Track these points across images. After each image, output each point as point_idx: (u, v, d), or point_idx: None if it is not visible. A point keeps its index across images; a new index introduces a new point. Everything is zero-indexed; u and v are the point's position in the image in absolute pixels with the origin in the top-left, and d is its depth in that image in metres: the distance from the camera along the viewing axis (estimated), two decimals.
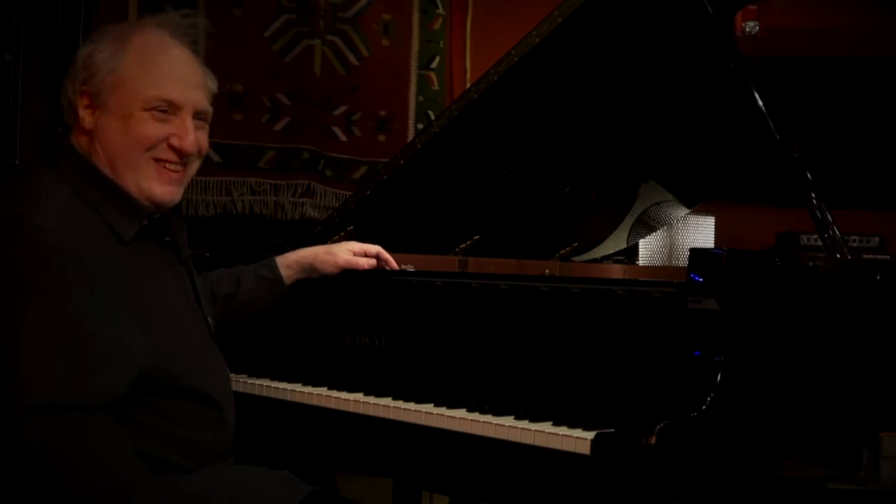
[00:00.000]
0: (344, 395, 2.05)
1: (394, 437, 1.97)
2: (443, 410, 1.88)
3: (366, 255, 2.32)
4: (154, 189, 1.84)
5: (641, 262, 3.95)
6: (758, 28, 4.70)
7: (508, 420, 1.78)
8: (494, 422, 1.78)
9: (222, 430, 1.91)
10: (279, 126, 4.27)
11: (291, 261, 2.30)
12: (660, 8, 2.37)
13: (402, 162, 2.51)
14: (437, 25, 4.59)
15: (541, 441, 1.71)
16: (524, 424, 1.75)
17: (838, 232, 2.13)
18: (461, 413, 1.85)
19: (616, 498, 1.65)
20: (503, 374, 2.01)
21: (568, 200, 2.87)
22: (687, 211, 3.16)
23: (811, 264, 1.97)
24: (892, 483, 3.32)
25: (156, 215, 1.88)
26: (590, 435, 1.66)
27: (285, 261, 2.30)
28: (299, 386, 2.15)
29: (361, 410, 2.00)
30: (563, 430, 1.70)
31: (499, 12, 4.60)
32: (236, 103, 4.15)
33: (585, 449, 1.65)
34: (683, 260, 2.65)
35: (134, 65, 1.82)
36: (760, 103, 2.20)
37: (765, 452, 1.81)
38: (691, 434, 1.64)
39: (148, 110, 1.82)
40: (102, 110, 1.82)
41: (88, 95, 1.82)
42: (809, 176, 2.17)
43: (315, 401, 2.09)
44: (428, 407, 1.91)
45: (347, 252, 2.30)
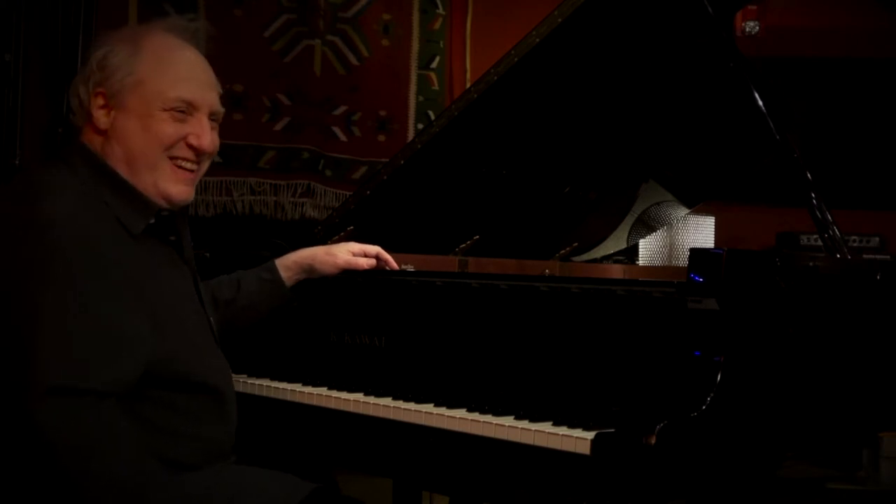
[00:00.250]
0: (344, 395, 2.05)
1: (394, 437, 1.98)
2: (443, 410, 1.88)
3: (365, 256, 2.32)
4: (170, 188, 1.87)
5: (641, 262, 3.95)
6: (758, 28, 4.69)
7: (508, 420, 1.78)
8: (494, 422, 1.79)
9: (226, 427, 1.92)
10: (279, 126, 4.27)
11: (291, 262, 2.30)
12: (660, 8, 2.37)
13: (402, 162, 2.51)
14: (437, 25, 4.58)
15: (541, 441, 1.71)
16: (524, 424, 1.75)
17: (838, 232, 2.13)
18: (461, 413, 1.85)
19: (616, 498, 1.65)
20: (503, 374, 2.01)
21: (568, 200, 2.87)
22: (687, 211, 3.16)
23: (811, 264, 1.97)
24: (892, 483, 3.32)
25: (164, 213, 1.90)
26: (590, 435, 1.66)
27: (285, 262, 2.30)
28: (299, 386, 2.15)
29: (361, 410, 2.00)
30: (563, 430, 1.70)
31: (499, 12, 4.60)
32: (236, 103, 4.15)
33: (585, 449, 1.65)
34: (683, 260, 2.65)
35: (151, 66, 1.85)
36: (760, 103, 2.20)
37: (765, 452, 1.81)
38: (691, 434, 1.64)
39: (167, 110, 1.86)
40: (119, 110, 1.85)
41: (104, 96, 1.85)
42: (809, 176, 2.17)
43: (315, 401, 2.09)
44: (428, 407, 1.91)
45: (347, 252, 2.31)
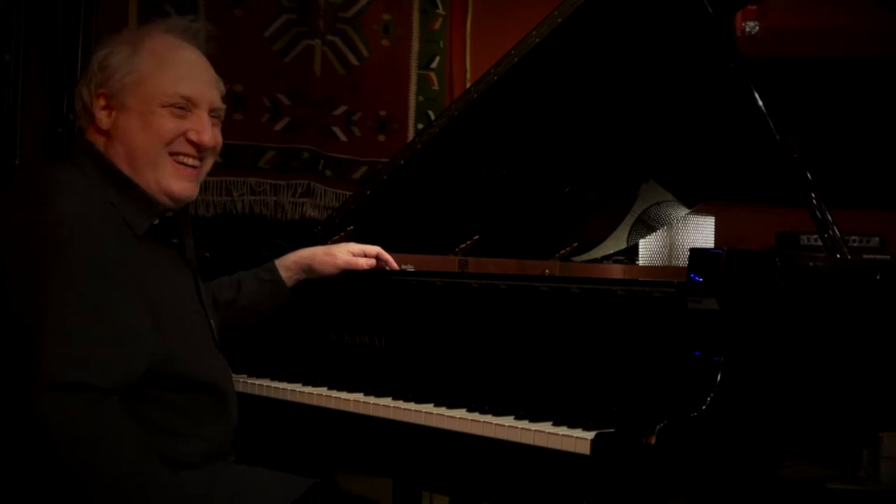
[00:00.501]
0: (344, 395, 2.05)
1: (394, 437, 1.98)
2: (443, 410, 1.88)
3: (365, 256, 2.32)
4: (172, 185, 1.88)
5: (641, 262, 3.95)
6: (758, 28, 4.69)
7: (508, 420, 1.78)
8: (494, 422, 1.79)
9: (225, 427, 1.92)
10: (279, 126, 4.27)
11: (290, 262, 2.30)
12: (660, 8, 2.37)
13: (402, 162, 2.50)
14: (437, 25, 4.58)
15: (541, 441, 1.71)
16: (524, 424, 1.75)
17: (838, 232, 2.12)
18: (461, 413, 1.85)
19: (616, 498, 1.65)
20: (503, 374, 2.01)
21: (568, 200, 2.87)
22: (687, 211, 3.16)
23: (811, 264, 1.97)
24: (892, 483, 3.32)
25: (168, 214, 1.90)
26: (590, 435, 1.66)
27: (284, 262, 2.30)
28: (299, 386, 2.15)
29: (361, 410, 2.00)
30: (563, 430, 1.70)
31: (499, 12, 4.60)
32: (236, 103, 4.15)
33: (585, 449, 1.65)
34: (683, 260, 2.64)
35: (151, 64, 1.87)
36: (760, 103, 2.20)
37: (765, 452, 1.81)
38: (691, 434, 1.64)
39: (166, 107, 1.87)
40: (121, 110, 1.86)
41: (105, 96, 1.87)
42: (809, 176, 2.17)
43: (315, 401, 2.09)
44: (428, 407, 1.91)
45: (347, 253, 2.31)
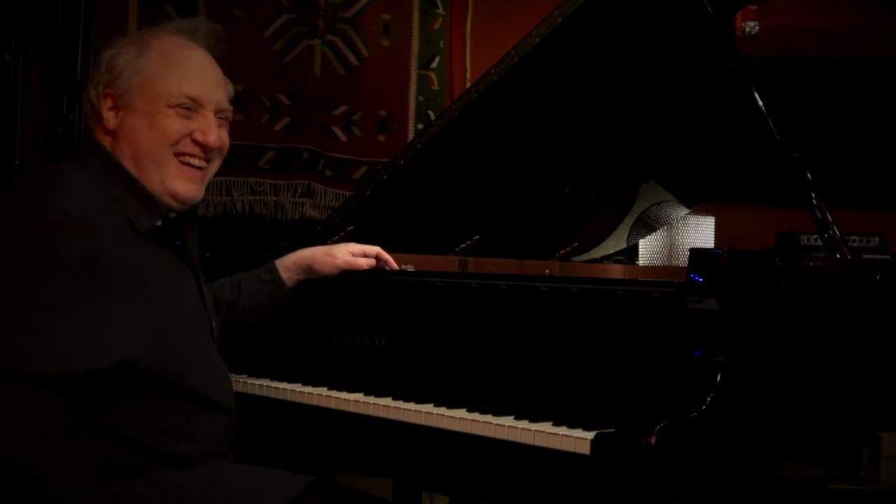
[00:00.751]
0: (344, 395, 2.05)
1: (394, 437, 1.98)
2: (443, 410, 1.88)
3: (365, 256, 2.32)
4: (177, 186, 1.88)
5: (641, 262, 3.95)
6: (758, 28, 4.69)
7: (508, 420, 1.78)
8: (494, 422, 1.78)
9: (223, 426, 1.91)
10: (279, 126, 4.27)
11: (290, 262, 2.30)
12: (660, 8, 2.37)
13: (402, 162, 2.51)
14: (437, 25, 4.58)
15: (541, 441, 1.71)
16: (524, 424, 1.75)
17: (838, 232, 2.12)
18: (461, 413, 1.85)
19: (616, 498, 1.65)
20: (503, 374, 2.01)
21: (568, 200, 2.87)
22: (687, 211, 3.16)
23: (811, 264, 1.97)
24: (892, 483, 3.32)
25: (171, 215, 1.90)
26: (590, 435, 1.66)
27: (284, 262, 2.30)
28: (299, 386, 2.15)
29: (361, 410, 2.00)
30: (563, 430, 1.70)
31: (499, 12, 4.60)
32: (236, 103, 4.10)
33: (585, 449, 1.65)
34: (683, 260, 2.65)
35: (158, 64, 1.87)
36: (760, 103, 2.20)
37: (765, 452, 1.81)
38: (691, 434, 1.64)
39: (172, 107, 1.87)
40: (127, 110, 1.86)
41: (112, 97, 1.86)
42: (809, 176, 2.17)
43: (315, 401, 2.09)
44: (428, 407, 1.91)
45: (346, 253, 2.30)
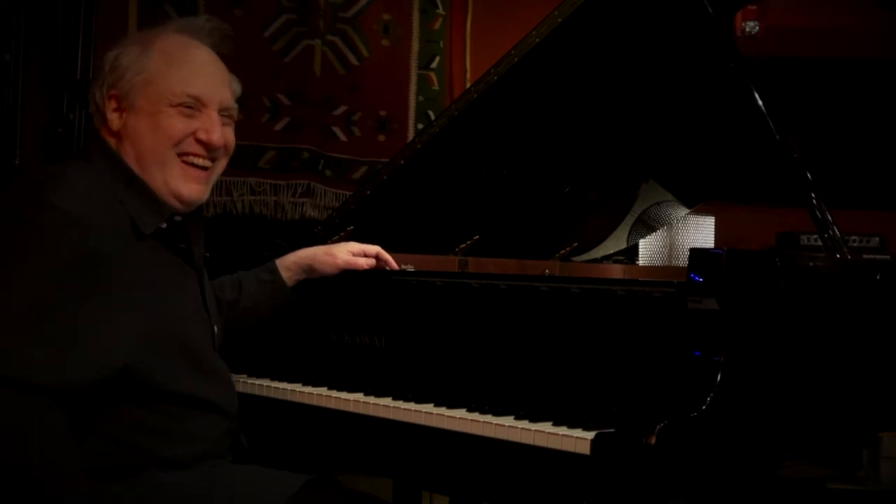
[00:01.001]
0: (344, 395, 2.05)
1: (394, 437, 1.98)
2: (443, 410, 1.88)
3: (365, 256, 2.32)
4: (180, 187, 1.87)
5: (641, 262, 3.95)
6: (758, 28, 4.69)
7: (508, 420, 1.78)
8: (494, 422, 1.78)
9: (222, 427, 1.91)
10: (279, 126, 4.26)
11: (290, 262, 2.30)
12: (660, 8, 2.37)
13: (402, 162, 2.50)
14: (437, 25, 4.58)
15: (541, 441, 1.71)
16: (524, 424, 1.75)
17: (838, 232, 2.12)
18: (461, 413, 1.85)
19: (616, 498, 1.65)
20: (503, 374, 2.01)
21: (568, 200, 2.87)
22: (687, 211, 3.16)
23: (811, 264, 1.97)
24: (892, 483, 3.32)
25: (177, 218, 1.89)
26: (590, 435, 1.66)
27: (284, 262, 2.30)
28: (299, 386, 2.15)
29: (361, 410, 2.00)
30: (563, 430, 1.70)
31: (499, 12, 4.59)
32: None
33: (585, 449, 1.65)
34: (683, 260, 2.65)
35: (160, 64, 1.86)
36: (760, 103, 2.20)
37: (765, 452, 1.81)
38: (691, 434, 1.64)
39: (175, 106, 1.85)
40: (130, 111, 1.85)
41: (116, 98, 1.86)
42: (809, 176, 2.17)
43: (315, 401, 2.09)
44: (428, 407, 1.91)
45: (347, 253, 2.30)
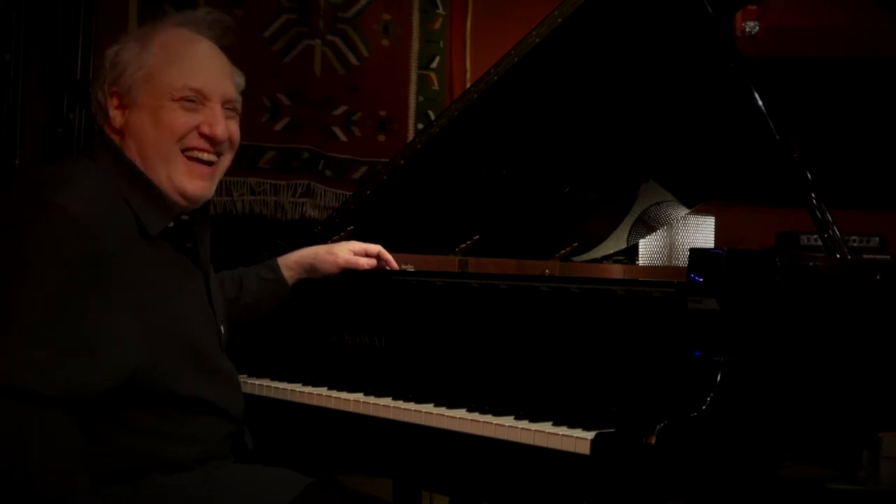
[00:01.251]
0: (344, 395, 2.05)
1: (394, 437, 1.97)
2: (443, 410, 1.88)
3: (366, 255, 2.32)
4: (185, 183, 1.84)
5: (641, 262, 3.96)
6: (758, 28, 4.69)
7: (508, 420, 1.78)
8: (494, 422, 1.78)
9: (225, 429, 1.90)
10: (279, 126, 4.27)
11: (292, 261, 2.30)
12: (660, 8, 2.37)
13: (402, 162, 2.50)
14: (437, 25, 4.58)
15: (541, 441, 1.71)
16: (524, 424, 1.75)
17: (838, 232, 2.12)
18: (461, 413, 1.85)
19: (616, 498, 1.65)
20: (503, 374, 2.01)
21: (568, 200, 2.87)
22: (687, 211, 3.16)
23: (811, 264, 1.97)
24: (892, 483, 3.32)
25: (183, 216, 1.87)
26: (590, 435, 1.66)
27: (286, 261, 2.30)
28: (299, 386, 2.15)
29: (361, 410, 2.00)
30: (563, 430, 1.70)
31: (499, 12, 4.60)
32: None
33: (585, 449, 1.65)
34: (683, 260, 2.65)
35: (160, 58, 1.84)
36: (760, 103, 2.20)
37: (765, 452, 1.81)
38: (691, 434, 1.64)
39: (177, 100, 1.83)
40: (132, 107, 1.83)
41: (118, 95, 1.84)
42: (809, 176, 2.17)
43: (315, 401, 2.09)
44: (428, 407, 1.91)
45: (348, 252, 2.30)
